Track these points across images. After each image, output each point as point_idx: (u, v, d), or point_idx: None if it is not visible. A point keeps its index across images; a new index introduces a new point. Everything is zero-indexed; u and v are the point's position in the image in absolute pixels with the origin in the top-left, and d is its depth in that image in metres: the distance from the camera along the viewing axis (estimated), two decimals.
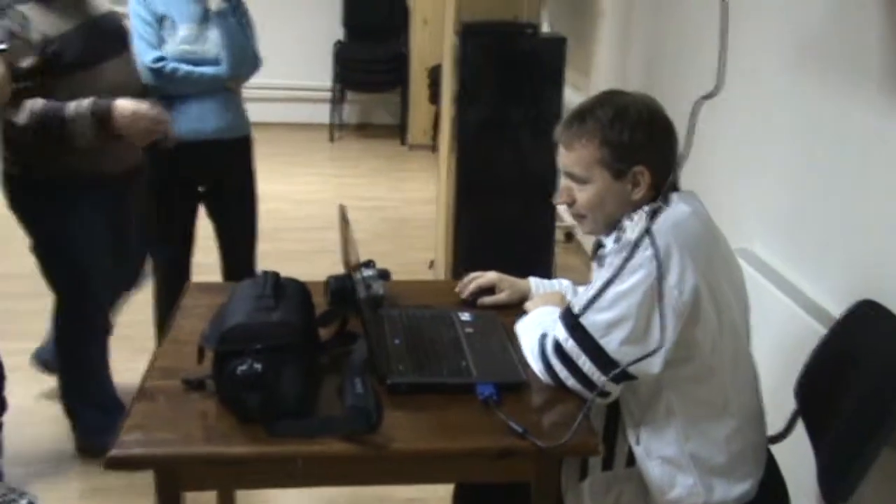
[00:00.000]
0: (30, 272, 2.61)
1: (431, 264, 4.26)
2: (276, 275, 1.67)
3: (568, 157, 1.64)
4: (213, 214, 3.01)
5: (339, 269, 1.86)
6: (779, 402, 1.86)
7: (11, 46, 2.22)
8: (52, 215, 2.44)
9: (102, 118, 2.31)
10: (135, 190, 2.66)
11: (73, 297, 2.56)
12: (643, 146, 1.58)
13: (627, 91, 1.68)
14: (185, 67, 2.71)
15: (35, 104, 2.26)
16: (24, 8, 2.28)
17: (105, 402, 2.66)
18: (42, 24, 2.28)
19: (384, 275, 1.99)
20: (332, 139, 6.72)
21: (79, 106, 2.29)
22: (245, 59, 2.83)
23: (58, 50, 2.28)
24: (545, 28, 4.09)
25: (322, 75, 6.67)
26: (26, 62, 2.23)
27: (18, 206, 2.46)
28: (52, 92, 2.31)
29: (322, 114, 6.72)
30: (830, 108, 2.16)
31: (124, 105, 2.34)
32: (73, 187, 2.43)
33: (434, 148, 6.09)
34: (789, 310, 2.15)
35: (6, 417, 2.51)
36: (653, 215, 1.53)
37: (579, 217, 1.68)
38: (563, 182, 1.68)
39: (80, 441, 2.70)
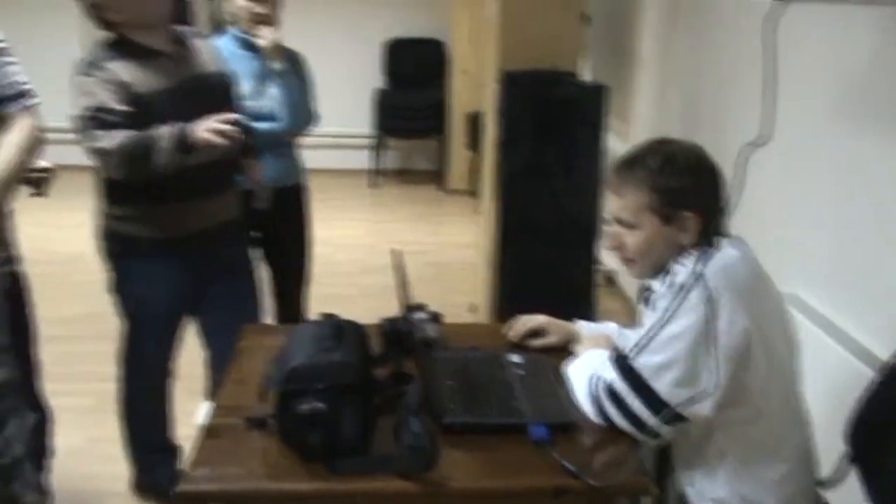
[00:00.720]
0: (87, 315, 2.69)
1: (472, 308, 4.30)
2: (335, 317, 1.72)
3: (617, 203, 1.69)
4: (268, 259, 3.09)
5: (382, 314, 1.92)
6: (829, 447, 1.86)
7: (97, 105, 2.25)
8: (131, 266, 2.47)
9: (182, 135, 2.26)
10: (233, 244, 2.65)
11: (134, 345, 2.58)
12: (691, 192, 1.63)
13: (674, 139, 1.74)
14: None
15: (124, 132, 2.26)
16: (117, 65, 2.29)
17: (160, 443, 2.71)
18: (134, 82, 2.29)
19: (435, 317, 2.04)
20: (372, 185, 6.83)
21: (166, 129, 2.27)
22: (302, 116, 2.93)
23: (147, 109, 2.28)
24: (586, 76, 4.16)
25: (363, 122, 6.80)
26: (121, 106, 2.25)
27: (105, 253, 2.50)
28: None
29: (363, 160, 6.85)
30: (876, 154, 2.19)
31: (201, 126, 2.27)
32: (160, 243, 2.43)
33: (472, 193, 6.16)
34: (837, 354, 2.17)
35: (60, 458, 2.58)
36: (702, 259, 1.57)
37: (628, 261, 1.73)
38: (612, 227, 1.73)
39: (135, 480, 2.75)
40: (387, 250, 1.85)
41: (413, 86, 6.88)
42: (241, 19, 2.90)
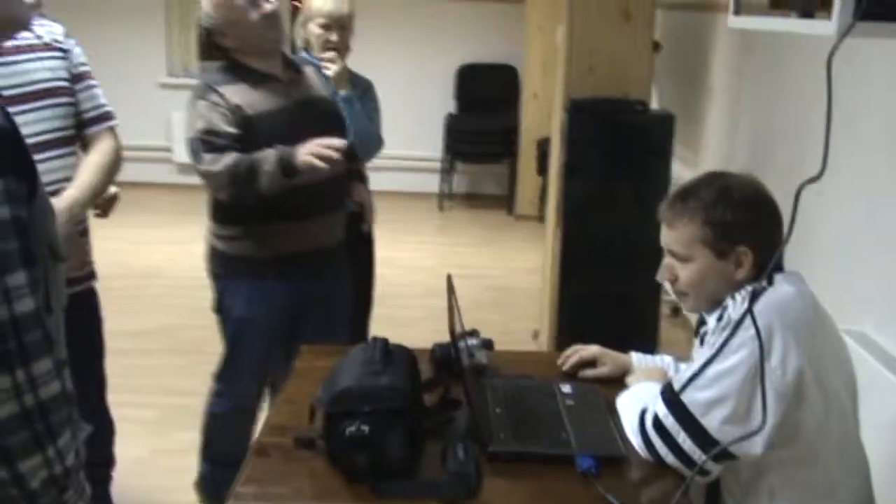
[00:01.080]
0: (160, 328, 2.77)
1: (536, 334, 4.29)
2: (384, 341, 1.75)
3: (670, 236, 1.68)
4: None
5: (444, 337, 1.92)
6: (889, 495, 1.80)
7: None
8: (235, 287, 2.49)
9: (286, 161, 2.26)
10: (337, 268, 2.64)
11: (233, 365, 2.58)
12: (745, 226, 1.61)
13: (731, 172, 1.72)
14: None
15: (233, 156, 2.30)
16: (229, 89, 2.34)
17: (236, 459, 2.67)
18: (246, 104, 2.33)
19: (488, 344, 2.05)
20: (441, 208, 6.88)
21: (269, 153, 2.29)
22: (368, 142, 2.94)
23: (257, 131, 2.32)
24: (654, 105, 4.13)
25: (433, 146, 6.87)
26: (232, 129, 2.31)
27: (211, 273, 2.54)
28: None
29: (432, 183, 6.91)
30: None
31: (303, 150, 2.26)
32: (265, 263, 2.45)
33: (540, 219, 6.15)
34: None
35: (121, 469, 2.64)
36: (755, 295, 1.55)
37: (681, 295, 1.71)
38: (666, 259, 1.72)
39: (199, 483, 2.76)
40: (453, 274, 1.87)
41: (484, 110, 6.92)
42: (313, 45, 2.97)
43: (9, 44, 1.95)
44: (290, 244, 2.45)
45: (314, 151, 2.23)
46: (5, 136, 1.16)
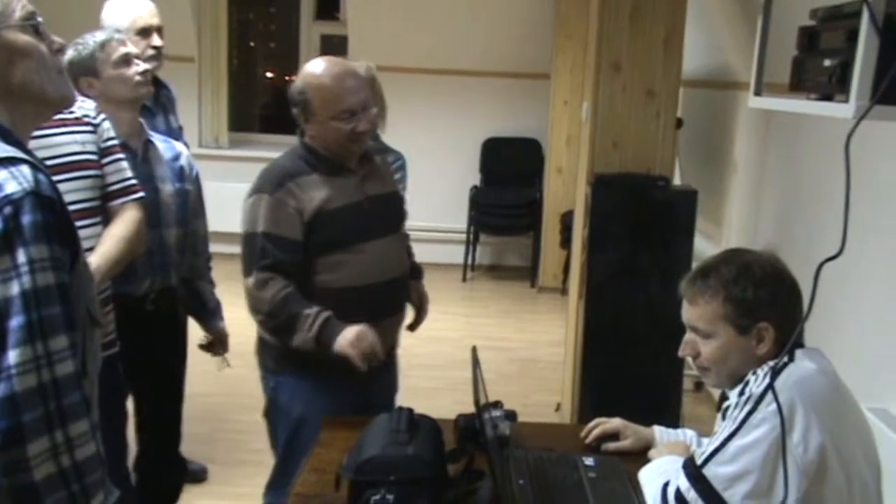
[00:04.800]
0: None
1: (558, 407, 4.28)
2: (410, 410, 1.77)
3: (692, 312, 1.71)
4: None
5: (467, 408, 1.94)
6: None
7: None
8: (289, 384, 2.37)
9: (324, 341, 2.20)
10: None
11: (287, 464, 2.38)
12: (767, 303, 1.63)
13: (750, 249, 1.75)
14: None
15: (282, 291, 2.21)
16: (310, 178, 2.27)
17: None
18: (318, 197, 2.25)
19: (511, 416, 2.06)
20: (464, 279, 6.92)
21: (315, 317, 2.20)
22: None
23: (323, 224, 2.25)
24: (677, 180, 4.19)
25: (458, 218, 6.94)
26: (294, 235, 2.23)
27: (264, 369, 2.44)
28: (311, 265, 2.27)
29: (456, 255, 6.96)
30: None
31: (346, 337, 2.18)
32: (321, 364, 2.27)
33: (563, 291, 6.18)
34: None
35: None
36: (777, 371, 1.56)
37: (703, 370, 1.73)
38: (688, 335, 1.74)
39: None
40: (476, 345, 1.90)
41: (508, 183, 7.01)
42: None
43: None
44: None
45: (358, 348, 2.16)
46: (53, 205, 1.22)
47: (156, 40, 3.02)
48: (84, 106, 2.31)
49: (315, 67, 2.29)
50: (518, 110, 7.00)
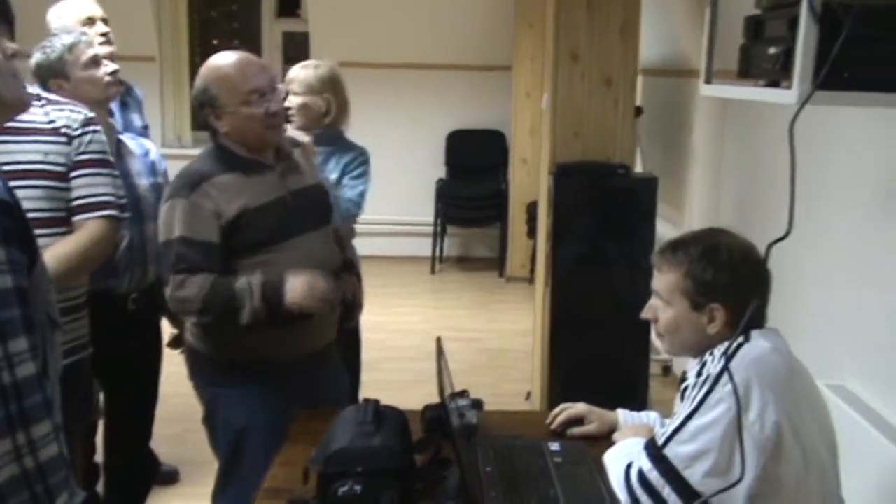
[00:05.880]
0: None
1: (528, 395, 4.32)
2: (376, 402, 1.79)
3: (657, 279, 1.77)
4: None
5: (435, 399, 1.97)
6: None
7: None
8: (227, 395, 2.31)
9: (272, 302, 2.15)
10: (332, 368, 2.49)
11: (231, 474, 2.35)
12: (724, 288, 1.67)
13: (730, 232, 1.79)
14: None
15: (205, 280, 2.15)
16: (226, 178, 2.21)
17: None
18: (240, 195, 2.20)
19: (478, 405, 2.09)
20: (433, 271, 6.95)
21: (250, 285, 2.15)
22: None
23: (246, 225, 2.19)
24: (638, 167, 4.24)
25: (425, 210, 6.96)
26: (211, 237, 2.17)
27: (198, 379, 2.38)
28: (234, 268, 2.20)
29: (424, 247, 6.99)
30: None
31: (296, 291, 2.15)
32: (255, 371, 2.26)
33: (531, 281, 6.22)
34: (885, 448, 2.14)
35: None
36: (732, 351, 1.60)
37: (659, 336, 1.81)
38: (652, 299, 1.80)
39: None
40: (444, 337, 1.92)
41: (474, 175, 7.04)
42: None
43: (11, 124, 2.00)
44: (286, 349, 2.28)
45: (313, 298, 2.15)
46: (10, 208, 1.23)
47: (101, 27, 3.02)
48: (71, 118, 2.22)
49: (212, 62, 2.26)
50: (481, 102, 7.04)
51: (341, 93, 3.12)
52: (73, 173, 2.21)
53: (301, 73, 3.04)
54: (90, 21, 3.02)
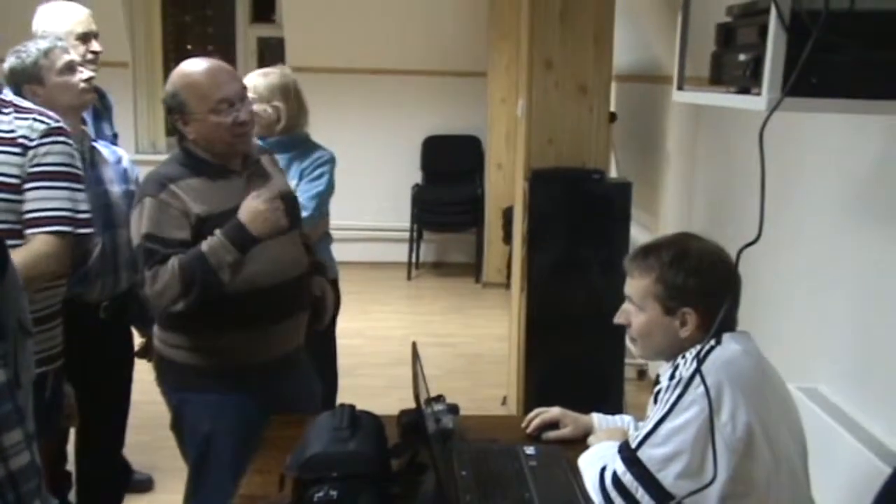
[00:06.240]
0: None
1: (504, 400, 4.33)
2: (352, 407, 1.79)
3: (630, 284, 1.79)
4: None
5: (412, 405, 1.97)
6: None
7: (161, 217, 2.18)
8: (193, 400, 2.30)
9: (244, 241, 2.18)
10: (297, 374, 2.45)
11: (200, 480, 2.35)
12: (694, 292, 1.69)
13: (700, 237, 1.81)
14: None
15: (174, 262, 2.14)
16: (193, 182, 2.21)
17: None
18: (206, 199, 2.20)
19: (454, 409, 2.10)
20: (409, 277, 6.95)
21: (214, 243, 2.17)
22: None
23: (210, 231, 2.18)
24: (612, 172, 4.27)
25: (401, 216, 6.97)
26: (180, 234, 2.17)
27: (165, 385, 2.37)
28: None
29: (401, 253, 6.99)
30: (894, 249, 2.23)
31: (245, 215, 2.20)
32: (223, 376, 2.27)
33: (508, 286, 6.23)
34: (856, 451, 2.17)
35: None
36: (704, 354, 1.62)
37: (632, 340, 1.82)
38: (625, 304, 1.81)
39: None
40: (420, 342, 1.93)
41: (450, 181, 7.06)
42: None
43: None
44: (254, 354, 2.29)
45: (260, 213, 2.18)
46: None
47: (95, 45, 2.99)
48: (34, 128, 2.16)
49: (183, 68, 2.26)
50: (457, 108, 7.05)
51: (293, 99, 3.09)
52: (26, 185, 2.14)
53: (250, 81, 2.99)
54: (85, 38, 2.96)
